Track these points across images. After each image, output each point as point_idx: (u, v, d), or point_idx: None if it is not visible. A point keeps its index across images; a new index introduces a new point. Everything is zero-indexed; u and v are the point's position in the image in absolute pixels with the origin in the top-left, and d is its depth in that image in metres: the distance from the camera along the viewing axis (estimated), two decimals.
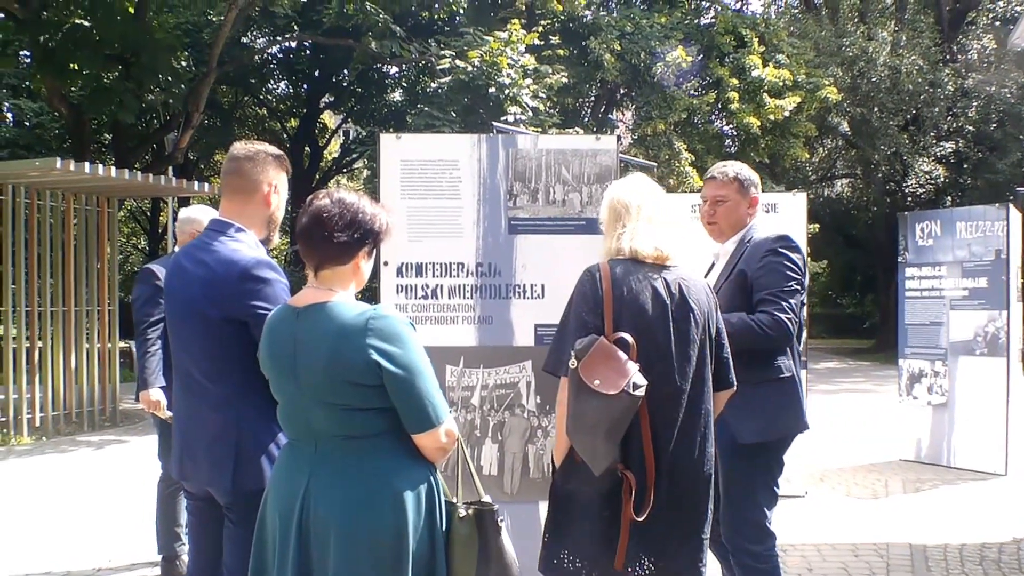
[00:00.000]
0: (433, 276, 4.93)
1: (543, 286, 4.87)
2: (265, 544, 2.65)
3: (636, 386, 2.84)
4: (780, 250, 3.82)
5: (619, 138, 7.57)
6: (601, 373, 2.84)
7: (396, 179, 4.94)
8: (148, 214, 30.06)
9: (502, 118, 13.11)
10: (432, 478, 2.59)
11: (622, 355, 2.89)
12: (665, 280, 3.03)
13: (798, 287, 3.80)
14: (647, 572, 2.96)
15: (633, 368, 2.86)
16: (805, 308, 3.98)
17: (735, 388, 3.20)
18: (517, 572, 2.61)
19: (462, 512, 2.58)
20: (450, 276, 4.93)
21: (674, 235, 3.14)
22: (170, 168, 18.06)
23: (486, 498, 2.62)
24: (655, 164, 11.22)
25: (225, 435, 2.95)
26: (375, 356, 2.45)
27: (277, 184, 3.18)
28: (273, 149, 3.21)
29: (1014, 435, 8.49)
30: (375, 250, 2.70)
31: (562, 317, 3.15)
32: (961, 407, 8.74)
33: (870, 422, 11.80)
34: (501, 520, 2.58)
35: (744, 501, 3.80)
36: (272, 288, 2.94)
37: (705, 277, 4.14)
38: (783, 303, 3.72)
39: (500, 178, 4.93)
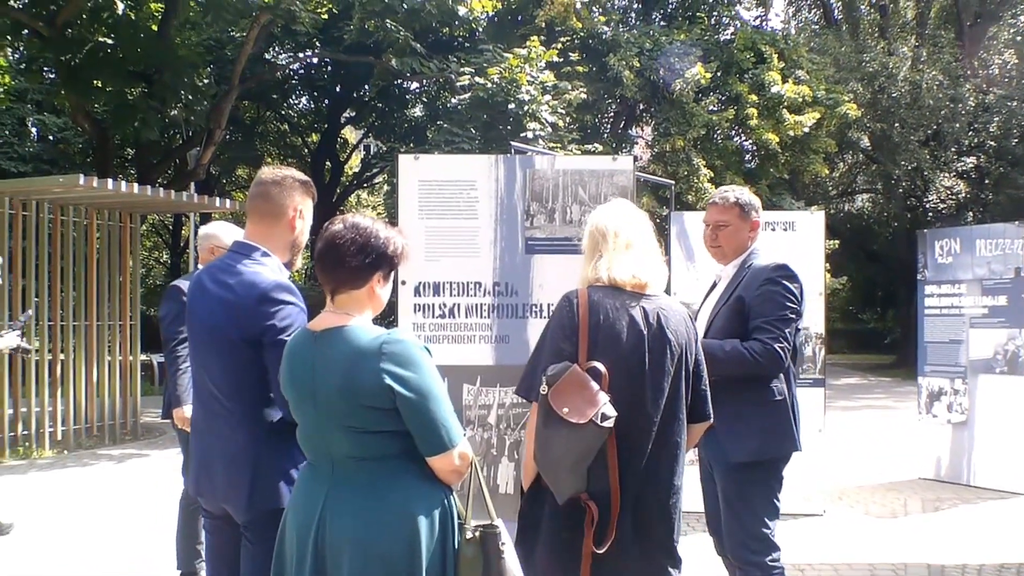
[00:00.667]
0: (450, 295, 4.98)
1: None
2: (284, 563, 2.69)
3: (605, 417, 2.82)
4: (778, 279, 3.89)
5: (636, 157, 7.59)
6: (571, 402, 2.83)
7: (414, 199, 5.00)
8: (170, 228, 30.31)
9: (521, 134, 13.17)
10: (446, 500, 2.62)
11: (593, 385, 2.87)
12: (644, 309, 3.00)
13: (793, 316, 3.87)
14: None
15: (603, 399, 2.84)
16: (812, 333, 4.03)
17: (711, 421, 3.19)
18: None
19: (469, 534, 2.60)
20: (467, 295, 4.98)
21: (653, 263, 3.11)
22: (192, 184, 18.22)
23: (496, 521, 2.64)
24: (672, 182, 11.23)
25: (243, 454, 2.99)
26: (388, 380, 2.49)
27: (303, 209, 3.23)
28: (300, 175, 3.27)
29: None
30: (391, 274, 2.73)
31: (538, 341, 3.14)
32: (981, 425, 8.69)
33: (889, 439, 11.74)
34: (503, 544, 2.59)
35: (745, 515, 3.85)
36: (289, 311, 2.99)
37: (707, 296, 4.20)
38: (776, 332, 3.79)
39: (517, 198, 4.98)
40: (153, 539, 6.62)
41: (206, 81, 17.35)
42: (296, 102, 29.93)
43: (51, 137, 22.51)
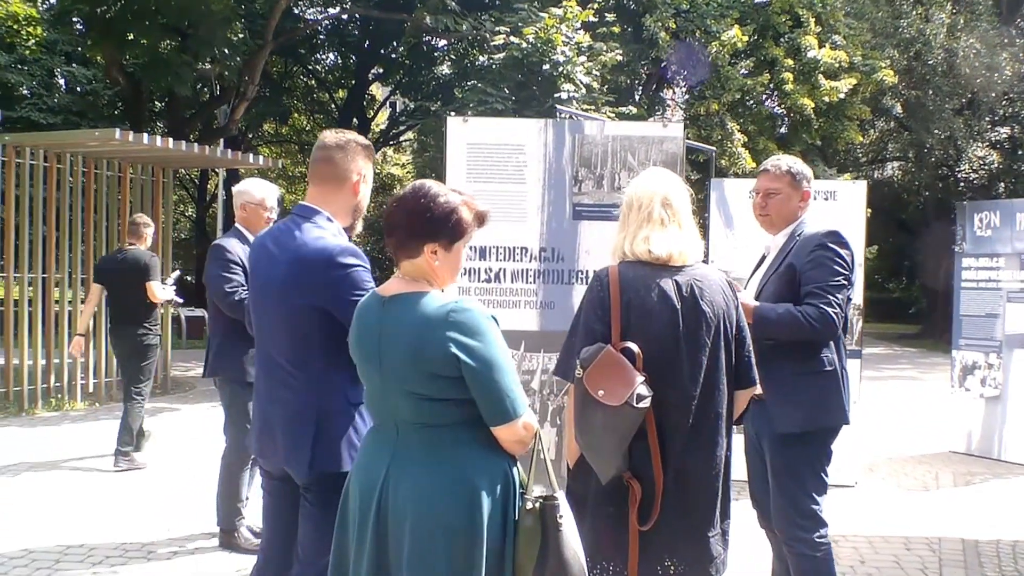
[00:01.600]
0: (496, 260, 4.97)
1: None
2: (347, 527, 2.70)
3: (640, 397, 2.82)
4: (830, 245, 3.84)
5: (685, 124, 7.52)
6: (605, 384, 2.83)
7: (463, 162, 4.98)
8: (196, 182, 30.38)
9: (555, 95, 13.07)
10: (509, 470, 2.62)
11: (628, 365, 2.86)
12: (676, 282, 2.97)
13: (845, 282, 3.82)
14: None
15: (638, 379, 2.83)
16: (851, 303, 3.99)
17: (757, 385, 3.17)
18: (579, 571, 2.61)
19: (528, 504, 2.60)
20: (513, 260, 4.97)
21: (689, 235, 3.08)
22: (221, 139, 18.22)
23: (557, 492, 2.64)
24: (713, 148, 11.10)
25: (305, 417, 3.01)
26: (454, 349, 2.48)
27: (366, 174, 3.23)
28: (362, 139, 3.25)
29: None
30: (456, 244, 2.68)
31: (573, 321, 3.13)
32: (1014, 401, 8.64)
33: (919, 412, 11.71)
34: (561, 516, 2.59)
35: (793, 490, 3.82)
36: (357, 275, 2.99)
37: (756, 269, 4.16)
38: (830, 297, 3.74)
39: (566, 163, 4.95)
40: (188, 495, 6.70)
41: (240, 36, 17.25)
42: (324, 58, 29.85)
43: (79, 89, 22.49)
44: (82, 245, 11.52)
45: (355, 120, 29.13)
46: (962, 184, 24.66)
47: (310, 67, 29.12)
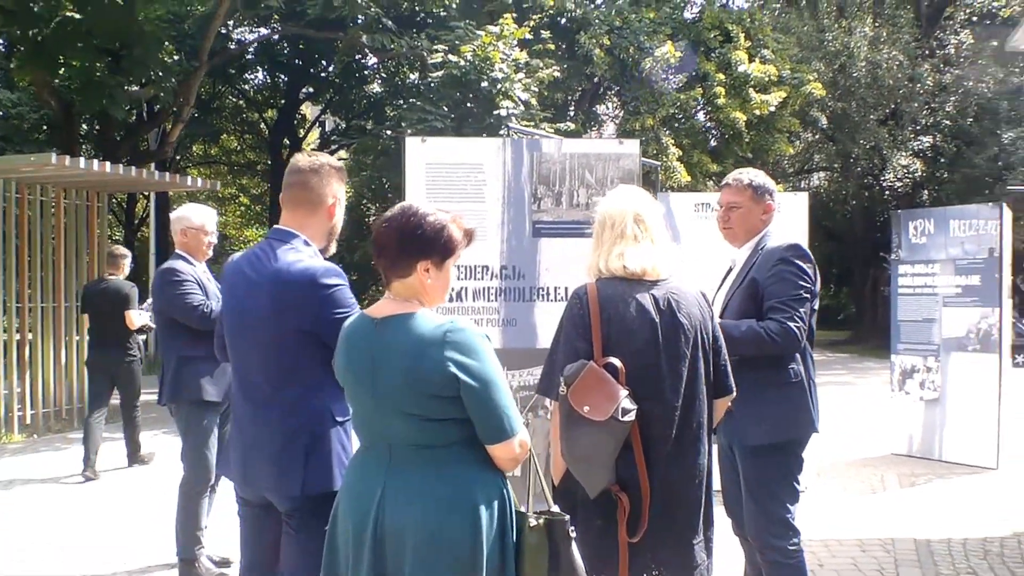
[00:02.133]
0: (458, 279, 4.96)
1: (566, 288, 4.94)
2: (336, 551, 2.69)
3: (625, 411, 2.88)
4: (791, 259, 3.90)
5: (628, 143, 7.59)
6: (590, 399, 2.89)
7: (422, 182, 4.99)
8: (124, 205, 29.79)
9: (494, 112, 13.12)
10: (504, 488, 2.64)
11: (611, 380, 2.93)
12: (654, 296, 3.05)
13: (807, 295, 3.88)
14: None
15: (622, 393, 2.90)
16: (815, 313, 4.07)
17: (734, 393, 3.24)
18: None
19: (532, 522, 2.62)
20: (474, 279, 4.99)
21: (663, 249, 3.15)
22: (152, 162, 17.91)
23: (555, 508, 2.67)
24: (659, 163, 11.24)
25: (295, 440, 3.00)
26: (453, 369, 2.49)
27: (340, 196, 3.24)
28: (335, 161, 3.26)
29: (1005, 430, 8.67)
30: (446, 262, 2.70)
31: (553, 339, 3.18)
32: (953, 402, 8.90)
33: (859, 416, 11.96)
34: (572, 530, 2.62)
35: (766, 500, 3.89)
36: (341, 293, 3.02)
37: (722, 283, 4.24)
38: (792, 311, 3.80)
39: (525, 181, 4.99)
40: (139, 525, 6.58)
41: (175, 57, 17.01)
42: (253, 77, 29.51)
43: (2, 113, 21.95)
44: (16, 273, 11.22)
45: (286, 140, 28.89)
46: (887, 193, 25.27)
47: (239, 87, 28.79)
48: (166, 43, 16.42)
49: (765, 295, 3.87)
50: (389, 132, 15.80)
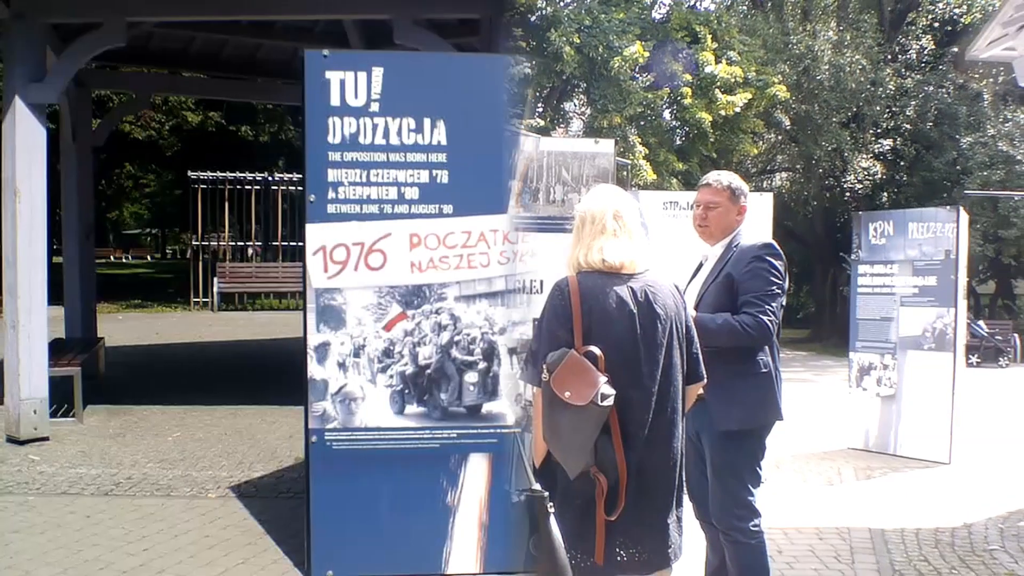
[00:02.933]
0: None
1: (542, 282, 5.10)
2: None
3: (604, 396, 3.07)
4: (765, 257, 4.16)
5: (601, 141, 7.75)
6: (571, 385, 3.08)
7: None
8: None
9: None
10: None
11: (591, 367, 3.11)
12: (631, 288, 3.24)
13: (779, 291, 4.15)
14: (623, 562, 3.21)
15: (601, 380, 3.09)
16: (783, 308, 4.31)
17: (705, 380, 3.46)
18: (564, 558, 2.81)
19: (514, 498, 2.79)
20: None
21: (639, 244, 3.35)
22: None
23: (536, 486, 2.84)
24: (629, 162, 11.43)
25: None
26: None
27: None
28: None
29: (958, 426, 8.97)
30: None
31: (535, 330, 3.39)
32: (908, 399, 9.18)
33: (817, 412, 12.23)
34: (551, 506, 2.79)
35: (733, 484, 4.15)
36: None
37: (693, 278, 4.45)
38: (765, 306, 4.06)
39: None
40: None
41: None
42: None
43: None
44: None
45: None
46: (848, 194, 25.69)
47: None
48: None
49: (740, 290, 4.11)
50: None
